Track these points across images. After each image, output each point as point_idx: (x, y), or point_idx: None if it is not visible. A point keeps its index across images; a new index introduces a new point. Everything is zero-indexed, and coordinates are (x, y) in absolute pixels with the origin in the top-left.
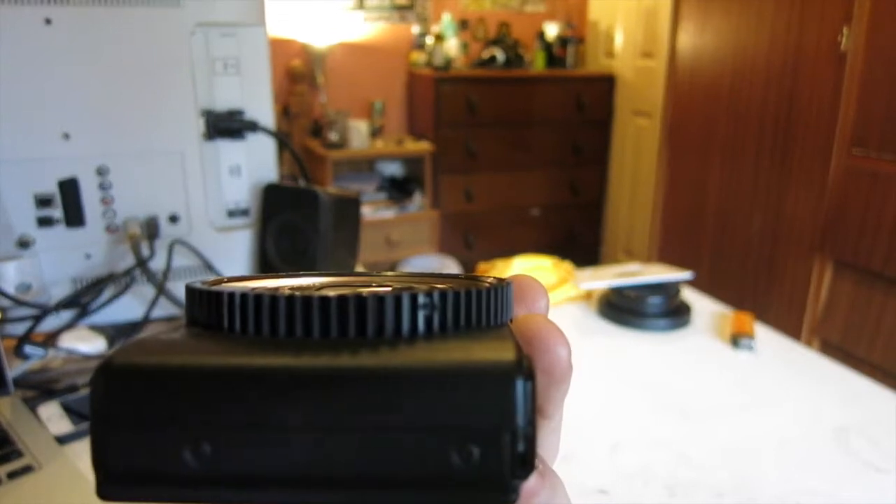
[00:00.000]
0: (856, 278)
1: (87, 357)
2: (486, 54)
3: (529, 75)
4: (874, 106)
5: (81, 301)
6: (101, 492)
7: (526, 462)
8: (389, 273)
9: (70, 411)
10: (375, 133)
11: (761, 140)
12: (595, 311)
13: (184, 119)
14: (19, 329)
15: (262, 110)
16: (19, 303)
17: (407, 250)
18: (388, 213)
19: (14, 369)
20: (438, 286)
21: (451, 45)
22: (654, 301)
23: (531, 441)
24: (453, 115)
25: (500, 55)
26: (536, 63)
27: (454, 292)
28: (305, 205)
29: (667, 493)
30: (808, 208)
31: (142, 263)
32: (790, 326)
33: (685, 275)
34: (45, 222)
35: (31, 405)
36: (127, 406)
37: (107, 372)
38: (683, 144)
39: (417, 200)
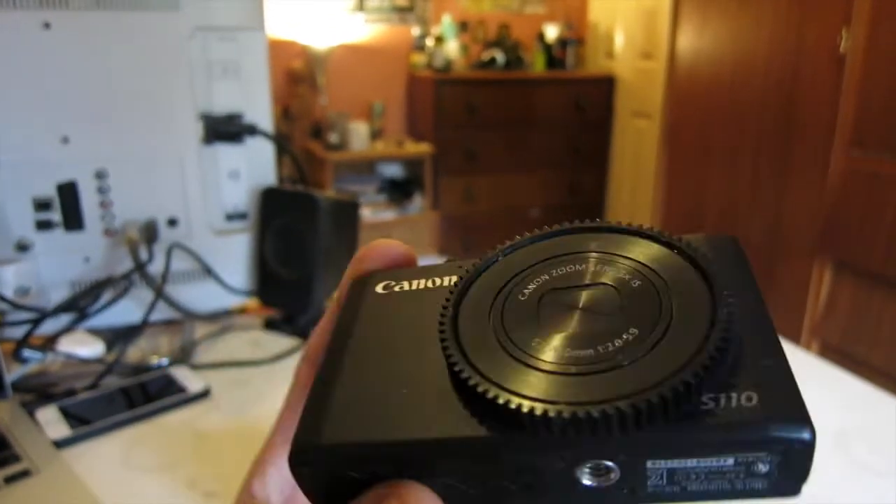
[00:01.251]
0: (856, 279)
1: (85, 361)
2: (485, 56)
3: (529, 77)
4: (873, 107)
5: (80, 304)
6: None
7: None
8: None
9: (68, 415)
10: (375, 135)
11: (761, 141)
12: None
13: (182, 123)
14: (17, 332)
15: (261, 114)
16: (17, 306)
17: None
18: (388, 215)
19: (12, 373)
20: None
21: (451, 47)
22: None
23: None
24: (453, 116)
25: (499, 57)
26: (536, 64)
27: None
28: (304, 209)
29: None
30: (807, 209)
31: (140, 267)
32: (790, 327)
33: None
34: (43, 226)
35: (29, 409)
36: None
37: None
38: (683, 146)
39: (417, 202)
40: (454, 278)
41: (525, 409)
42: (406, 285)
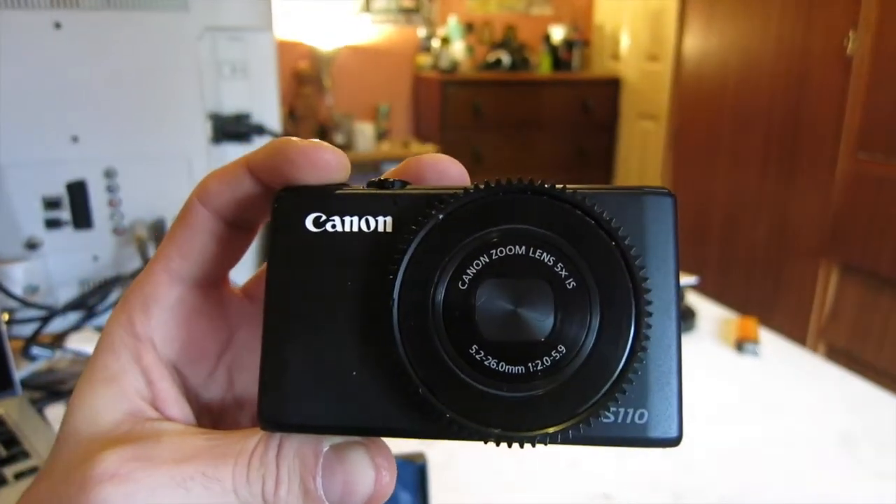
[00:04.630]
0: (862, 282)
1: None
2: (491, 57)
3: (535, 78)
4: (880, 110)
5: (88, 303)
6: None
7: None
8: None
9: None
10: (381, 136)
11: (767, 144)
12: None
13: (191, 122)
14: (27, 330)
15: (269, 114)
16: (27, 304)
17: None
18: None
19: (21, 370)
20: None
21: (457, 48)
22: None
23: None
24: (459, 117)
25: (505, 58)
26: (542, 66)
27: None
28: None
29: (672, 498)
30: (814, 212)
31: None
32: (796, 331)
33: (690, 279)
34: (52, 224)
35: (38, 406)
36: None
37: None
38: (689, 147)
39: None
40: (389, 220)
41: (466, 432)
42: (339, 224)
